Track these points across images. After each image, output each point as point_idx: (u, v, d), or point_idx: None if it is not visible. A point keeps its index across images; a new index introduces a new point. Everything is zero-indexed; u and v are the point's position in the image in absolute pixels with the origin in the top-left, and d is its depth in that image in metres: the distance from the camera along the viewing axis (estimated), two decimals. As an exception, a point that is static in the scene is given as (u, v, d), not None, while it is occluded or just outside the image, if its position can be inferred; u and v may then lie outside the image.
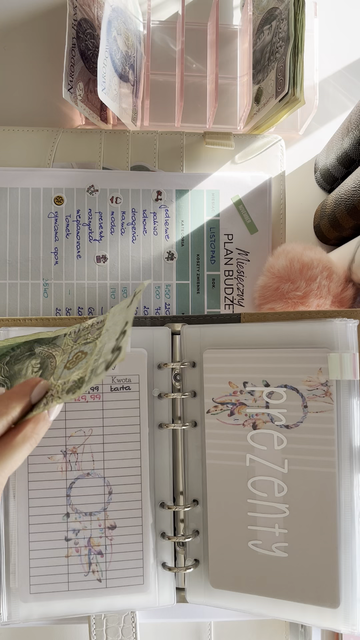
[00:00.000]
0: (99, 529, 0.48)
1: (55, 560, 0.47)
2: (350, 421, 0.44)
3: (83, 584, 0.48)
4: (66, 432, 0.48)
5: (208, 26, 0.65)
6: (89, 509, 0.48)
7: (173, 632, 0.57)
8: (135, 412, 0.49)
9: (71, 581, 0.47)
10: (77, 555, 0.48)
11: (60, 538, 0.48)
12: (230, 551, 0.47)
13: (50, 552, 0.47)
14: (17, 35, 0.65)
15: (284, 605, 0.46)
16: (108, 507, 0.48)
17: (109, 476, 0.48)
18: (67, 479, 0.48)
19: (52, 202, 0.60)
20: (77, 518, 0.48)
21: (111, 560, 0.48)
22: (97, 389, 0.49)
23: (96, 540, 0.48)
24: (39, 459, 0.48)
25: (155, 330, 0.50)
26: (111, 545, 0.48)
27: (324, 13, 0.66)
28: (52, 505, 0.48)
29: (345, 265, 0.55)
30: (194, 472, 0.50)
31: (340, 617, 0.44)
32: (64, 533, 0.48)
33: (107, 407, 0.48)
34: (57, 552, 0.48)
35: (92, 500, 0.48)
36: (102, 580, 0.48)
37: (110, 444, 0.48)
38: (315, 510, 0.45)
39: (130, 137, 0.62)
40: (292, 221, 0.64)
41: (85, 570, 0.48)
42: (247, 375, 0.47)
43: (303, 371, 0.45)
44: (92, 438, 0.48)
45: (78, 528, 0.48)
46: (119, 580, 0.48)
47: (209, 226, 0.62)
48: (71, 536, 0.48)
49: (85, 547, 0.48)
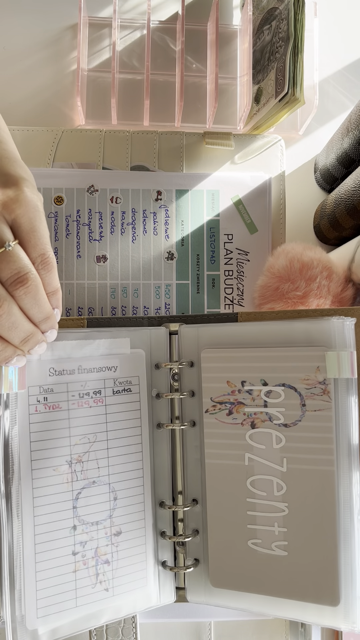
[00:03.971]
0: (106, 537, 0.47)
1: (63, 577, 0.45)
2: (349, 419, 0.44)
3: (90, 596, 0.46)
4: (70, 440, 0.46)
5: (208, 26, 0.66)
6: (95, 518, 0.47)
7: (173, 632, 0.56)
8: (137, 414, 0.49)
9: (79, 596, 0.46)
10: (85, 568, 0.46)
11: (68, 553, 0.46)
12: (230, 550, 0.47)
13: (58, 570, 0.45)
14: (17, 35, 0.65)
15: (284, 604, 0.46)
16: (114, 514, 0.48)
17: (114, 482, 0.48)
18: (72, 490, 0.46)
19: (52, 202, 0.60)
20: (84, 529, 0.46)
21: (117, 567, 0.47)
22: (99, 392, 0.48)
23: (103, 550, 0.47)
24: (44, 472, 0.45)
25: (153, 330, 0.50)
26: (117, 552, 0.47)
27: (323, 13, 0.66)
28: (59, 519, 0.46)
29: (345, 265, 0.55)
30: (193, 471, 0.50)
31: (340, 615, 0.44)
32: (71, 547, 0.46)
33: (110, 411, 0.48)
34: (64, 568, 0.45)
35: (98, 508, 0.47)
36: (109, 589, 0.47)
37: (114, 449, 0.48)
38: (314, 509, 0.45)
39: (131, 137, 0.62)
40: (292, 221, 0.64)
41: (93, 582, 0.46)
42: (245, 375, 0.47)
43: (301, 370, 0.45)
44: (96, 444, 0.47)
45: (85, 540, 0.46)
46: (124, 585, 0.47)
47: (209, 226, 0.62)
48: (78, 549, 0.46)
49: (93, 558, 0.47)
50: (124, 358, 0.48)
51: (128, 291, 0.61)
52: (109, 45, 0.65)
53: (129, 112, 0.65)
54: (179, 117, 0.62)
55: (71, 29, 0.65)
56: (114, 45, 0.60)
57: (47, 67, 0.65)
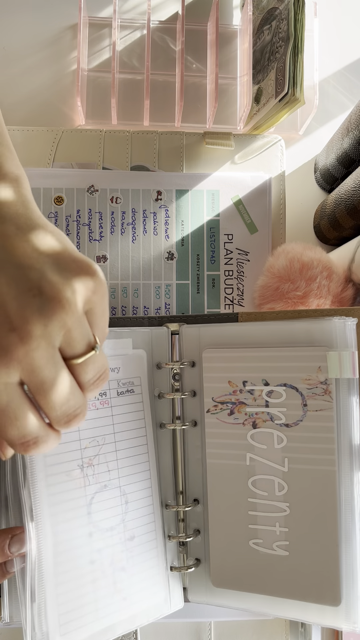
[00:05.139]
0: (120, 543, 0.46)
1: (83, 588, 0.44)
2: (350, 419, 0.44)
3: (110, 607, 0.45)
4: (81, 444, 0.45)
5: (208, 26, 0.66)
6: (109, 524, 0.46)
7: (173, 632, 0.56)
8: (141, 415, 0.49)
9: (99, 607, 0.44)
10: (103, 577, 0.45)
11: (86, 562, 0.44)
12: (231, 550, 0.47)
13: (78, 581, 0.43)
14: (17, 35, 0.65)
15: (285, 604, 0.46)
16: (126, 518, 0.47)
17: (124, 484, 0.47)
18: (86, 495, 0.45)
19: (52, 202, 0.60)
20: (100, 536, 0.45)
21: (133, 574, 0.46)
22: (104, 394, 0.47)
23: (118, 556, 0.46)
24: (58, 477, 0.44)
25: (154, 330, 0.50)
26: (132, 557, 0.47)
27: (323, 13, 0.66)
28: (76, 527, 0.44)
29: (345, 265, 0.55)
30: (194, 471, 0.50)
31: (342, 615, 0.44)
32: (89, 556, 0.44)
33: (116, 413, 0.47)
34: (84, 579, 0.44)
35: (112, 513, 0.46)
36: (127, 598, 0.46)
37: (122, 451, 0.47)
38: (315, 509, 0.45)
39: (131, 137, 0.62)
40: (292, 221, 0.64)
41: (111, 591, 0.45)
42: (246, 375, 0.47)
43: (302, 370, 0.45)
44: (105, 447, 0.46)
45: (101, 547, 0.45)
46: (140, 593, 0.46)
47: (209, 226, 0.62)
48: (95, 557, 0.45)
49: (110, 566, 0.45)
50: (126, 359, 0.48)
51: (128, 291, 0.61)
52: (109, 45, 0.65)
53: (129, 112, 0.65)
54: (179, 117, 0.62)
55: (71, 29, 0.65)
56: (114, 45, 0.60)
57: (47, 67, 0.65)
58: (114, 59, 0.60)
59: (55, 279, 0.33)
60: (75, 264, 0.35)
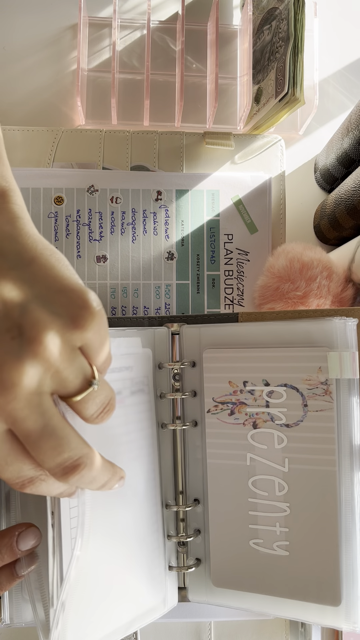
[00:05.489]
0: (134, 543, 0.46)
1: (102, 589, 0.43)
2: (351, 419, 0.44)
3: (117, 609, 0.44)
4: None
5: (208, 26, 0.65)
6: (125, 523, 0.45)
7: (173, 632, 0.56)
8: (149, 414, 0.48)
9: (110, 609, 0.44)
10: (116, 577, 0.44)
11: (105, 563, 0.43)
12: (231, 550, 0.47)
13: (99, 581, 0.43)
14: (17, 35, 0.65)
15: (285, 604, 0.46)
16: (136, 517, 0.46)
17: (136, 484, 0.46)
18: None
19: (52, 202, 0.60)
20: (117, 535, 0.44)
21: (140, 574, 0.46)
22: (120, 393, 0.46)
23: (130, 556, 0.45)
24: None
25: (156, 330, 0.50)
26: (141, 557, 0.46)
27: (323, 13, 0.66)
28: (108, 525, 0.43)
29: (345, 265, 0.55)
30: (194, 471, 0.50)
31: (342, 615, 0.44)
32: (108, 556, 0.43)
33: (130, 412, 0.47)
34: (103, 579, 0.43)
35: (127, 513, 0.46)
36: (132, 600, 0.45)
37: (134, 451, 0.46)
38: (316, 509, 0.45)
39: (131, 137, 0.62)
40: (292, 221, 0.64)
41: (121, 592, 0.45)
42: (247, 375, 0.47)
43: (303, 370, 0.45)
44: (121, 447, 0.45)
45: (118, 546, 0.44)
46: (145, 594, 0.46)
47: (209, 226, 0.62)
48: (113, 558, 0.44)
49: (123, 567, 0.45)
50: (137, 357, 0.48)
51: (128, 291, 0.61)
52: (109, 45, 0.65)
53: (129, 112, 0.65)
54: (179, 117, 0.62)
55: (71, 29, 0.65)
56: (114, 45, 0.60)
57: (47, 67, 0.65)
58: (114, 59, 0.60)
59: (37, 316, 0.30)
60: (63, 295, 0.31)
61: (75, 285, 0.32)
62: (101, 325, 0.32)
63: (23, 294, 0.30)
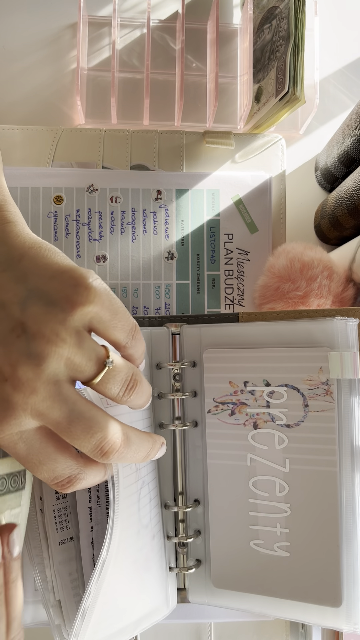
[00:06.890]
0: (149, 542, 0.46)
1: (125, 589, 0.43)
2: (351, 420, 0.44)
3: (128, 610, 0.44)
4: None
5: (208, 25, 0.65)
6: (145, 521, 0.45)
7: (173, 632, 0.56)
8: (148, 414, 0.48)
9: (124, 609, 0.43)
10: (134, 576, 0.44)
11: (130, 563, 0.43)
12: (232, 551, 0.47)
13: (124, 586, 0.43)
14: (16, 34, 0.64)
15: (285, 605, 0.46)
16: (152, 515, 0.46)
17: (148, 483, 0.46)
18: (139, 494, 0.44)
19: (51, 201, 0.60)
20: (144, 532, 0.44)
21: (149, 575, 0.46)
22: None
23: (145, 556, 0.45)
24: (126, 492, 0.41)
25: (154, 330, 0.50)
26: (152, 557, 0.46)
27: (324, 12, 0.66)
28: (131, 526, 0.42)
29: (346, 264, 0.55)
30: (194, 472, 0.49)
31: (342, 616, 0.44)
32: (133, 556, 0.43)
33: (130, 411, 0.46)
34: (131, 597, 0.43)
35: (146, 511, 0.45)
36: (139, 601, 0.45)
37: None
38: (316, 510, 0.44)
39: (130, 137, 0.61)
40: (292, 221, 0.64)
41: (135, 591, 0.44)
42: (247, 375, 0.46)
43: (303, 370, 0.45)
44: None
45: (140, 546, 0.44)
46: (151, 597, 0.46)
47: (209, 226, 0.61)
48: (137, 556, 0.44)
49: (140, 566, 0.45)
50: None
51: (128, 291, 0.60)
52: (109, 44, 0.65)
53: (128, 111, 0.64)
54: (179, 116, 0.62)
55: (71, 27, 0.65)
56: (113, 44, 0.60)
57: (46, 66, 0.65)
58: (114, 57, 0.60)
59: (35, 310, 0.30)
60: (55, 280, 0.32)
61: (65, 267, 0.32)
62: (102, 297, 0.32)
63: (19, 292, 0.31)
